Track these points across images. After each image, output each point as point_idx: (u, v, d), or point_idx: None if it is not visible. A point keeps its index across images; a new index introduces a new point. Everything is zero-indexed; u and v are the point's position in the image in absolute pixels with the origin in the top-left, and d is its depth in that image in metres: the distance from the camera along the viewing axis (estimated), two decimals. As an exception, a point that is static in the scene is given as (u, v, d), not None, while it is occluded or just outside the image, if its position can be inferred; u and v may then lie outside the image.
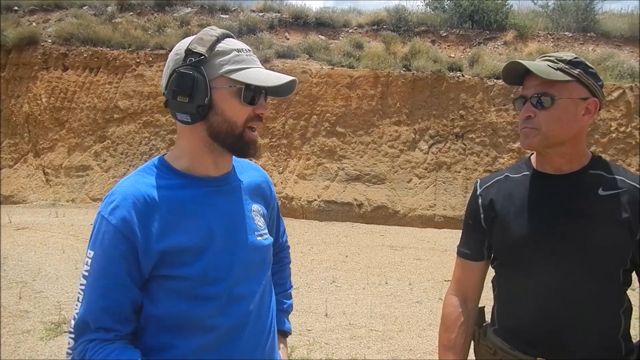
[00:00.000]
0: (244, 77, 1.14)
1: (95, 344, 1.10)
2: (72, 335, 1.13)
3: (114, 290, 1.10)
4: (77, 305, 1.13)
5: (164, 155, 1.23)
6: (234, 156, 1.25)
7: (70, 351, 1.13)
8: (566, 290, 1.35)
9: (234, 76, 1.14)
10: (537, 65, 1.35)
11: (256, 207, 1.30)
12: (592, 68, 1.37)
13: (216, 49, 1.15)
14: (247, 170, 1.35)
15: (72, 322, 1.13)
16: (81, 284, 1.13)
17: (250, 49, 1.21)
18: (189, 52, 1.13)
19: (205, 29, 1.19)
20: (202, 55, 1.12)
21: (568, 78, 1.33)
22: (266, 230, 1.31)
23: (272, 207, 1.41)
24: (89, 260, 1.12)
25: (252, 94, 1.15)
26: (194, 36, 1.18)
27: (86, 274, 1.12)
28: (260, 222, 1.29)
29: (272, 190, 1.42)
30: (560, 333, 1.36)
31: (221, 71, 1.14)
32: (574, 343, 1.35)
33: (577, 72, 1.34)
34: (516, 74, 1.41)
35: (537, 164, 1.46)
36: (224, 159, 1.23)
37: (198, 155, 1.19)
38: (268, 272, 1.31)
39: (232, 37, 1.20)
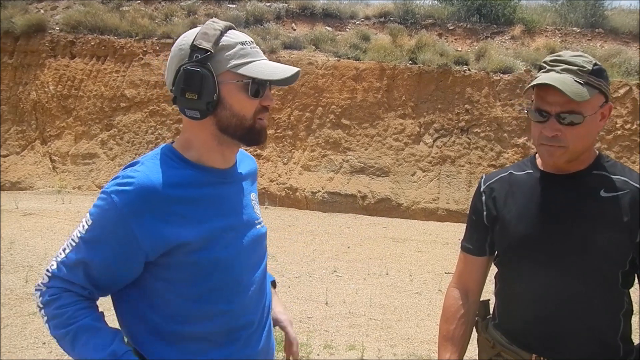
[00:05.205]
0: (250, 72, 1.15)
1: (70, 295, 1.12)
2: (49, 274, 1.14)
3: (97, 267, 1.12)
4: (61, 253, 1.14)
5: (172, 143, 1.23)
6: (243, 146, 1.27)
7: (42, 287, 1.14)
8: (564, 292, 1.35)
9: (240, 71, 1.15)
10: (566, 85, 1.26)
11: (254, 196, 1.35)
12: (605, 70, 1.33)
13: (221, 44, 1.15)
14: (244, 159, 1.38)
15: (54, 263, 1.14)
16: (72, 240, 1.14)
17: (252, 40, 1.22)
18: (194, 48, 1.13)
19: (207, 22, 1.19)
20: (208, 51, 1.12)
21: (595, 92, 1.28)
22: (262, 218, 1.36)
23: (257, 193, 1.45)
24: (86, 226, 1.12)
25: (257, 87, 1.17)
26: (196, 30, 1.18)
27: (80, 234, 1.13)
28: (258, 210, 1.34)
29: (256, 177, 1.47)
30: (557, 333, 1.37)
31: (228, 66, 1.14)
32: (570, 343, 1.36)
33: (599, 83, 1.30)
34: None
35: (542, 163, 1.45)
36: (231, 151, 1.25)
37: (207, 148, 1.20)
38: (266, 259, 1.35)
39: (234, 29, 1.20)
